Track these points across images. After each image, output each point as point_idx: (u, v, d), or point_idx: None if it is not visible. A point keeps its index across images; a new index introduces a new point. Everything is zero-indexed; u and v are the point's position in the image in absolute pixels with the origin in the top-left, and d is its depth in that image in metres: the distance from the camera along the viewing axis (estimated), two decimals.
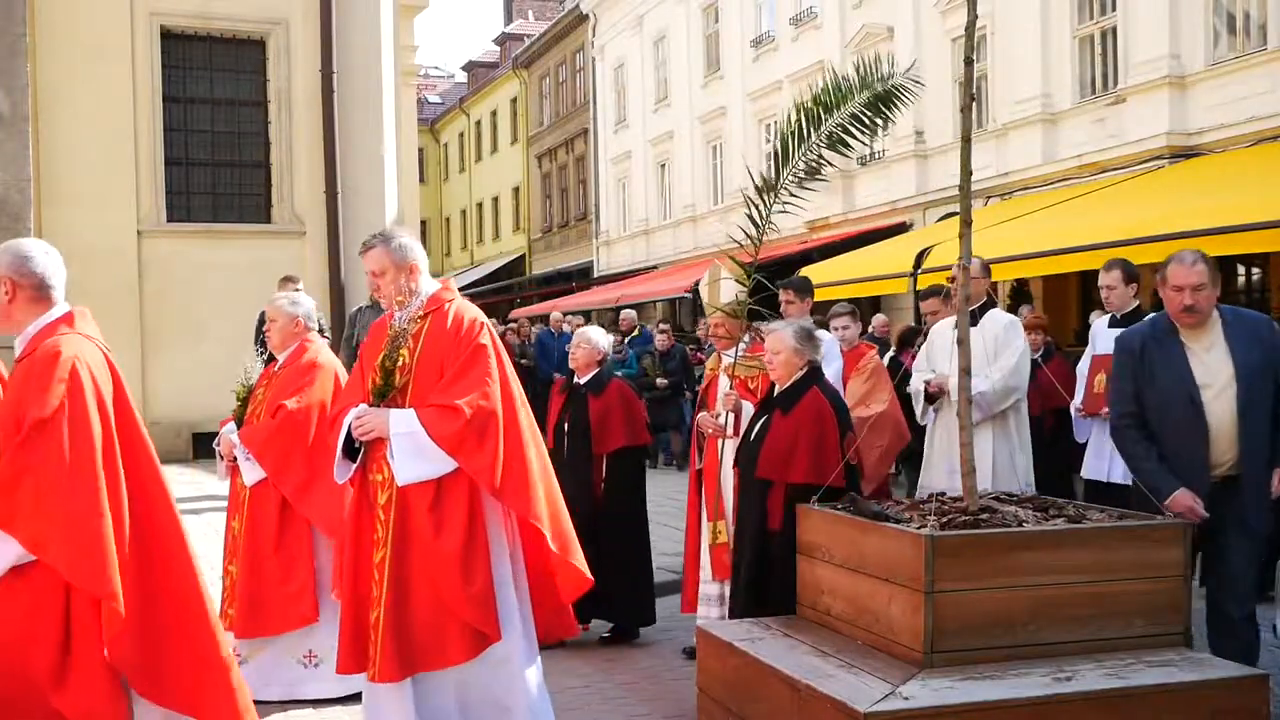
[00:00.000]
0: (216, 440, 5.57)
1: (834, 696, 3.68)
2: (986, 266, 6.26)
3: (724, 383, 5.66)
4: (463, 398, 3.97)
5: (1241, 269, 15.33)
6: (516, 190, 40.97)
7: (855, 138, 5.26)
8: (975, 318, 5.76)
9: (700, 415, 5.72)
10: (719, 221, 26.69)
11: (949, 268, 4.82)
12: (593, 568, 5.64)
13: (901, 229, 19.37)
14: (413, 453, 3.96)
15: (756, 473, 4.92)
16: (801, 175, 5.33)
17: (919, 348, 6.72)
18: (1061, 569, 3.94)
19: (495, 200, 43.10)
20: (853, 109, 5.16)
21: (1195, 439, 4.38)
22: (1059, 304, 16.49)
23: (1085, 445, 6.79)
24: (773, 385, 5.21)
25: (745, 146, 25.77)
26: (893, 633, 3.94)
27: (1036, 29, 16.83)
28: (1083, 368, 6.96)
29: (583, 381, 6.44)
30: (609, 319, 23.93)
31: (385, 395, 4.06)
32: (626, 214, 32.47)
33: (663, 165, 30.22)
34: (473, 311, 4.20)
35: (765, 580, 4.91)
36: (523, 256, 39.93)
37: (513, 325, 21.08)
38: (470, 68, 49.18)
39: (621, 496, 6.32)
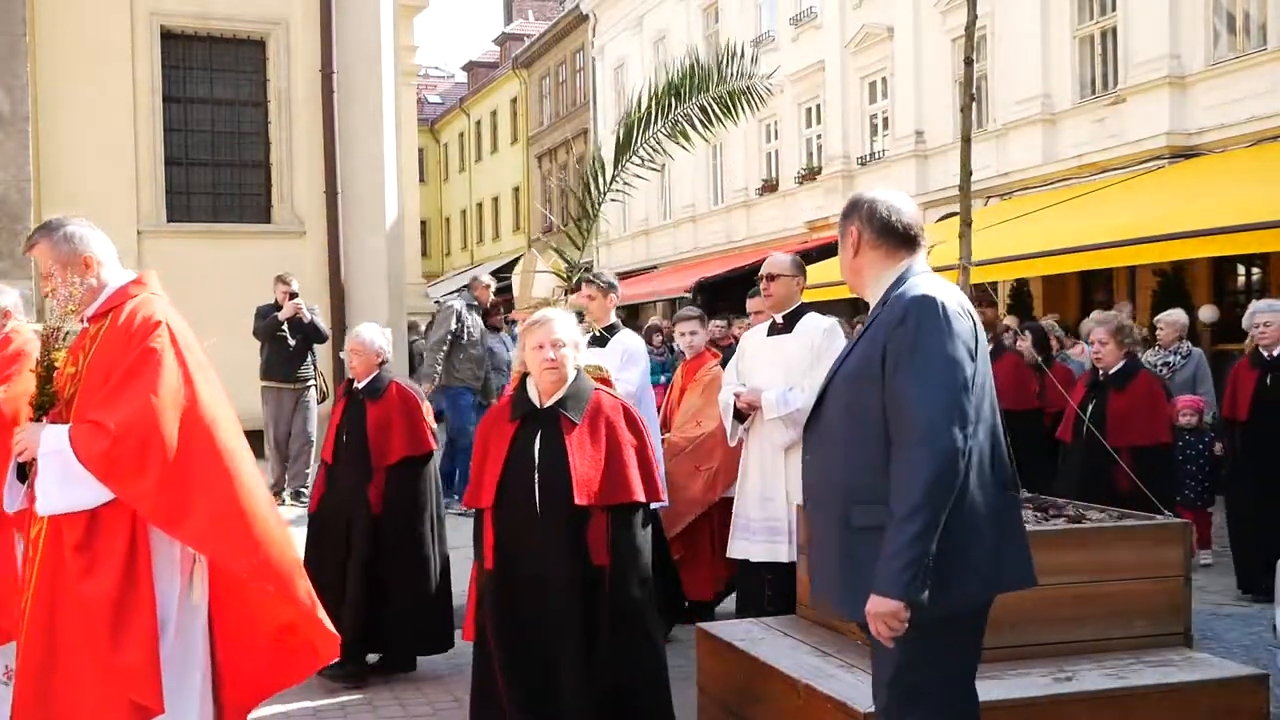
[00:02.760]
0: None
1: (834, 696, 3.68)
2: (799, 264, 5.47)
3: None
4: (115, 413, 3.29)
5: (1241, 269, 15.33)
6: (516, 190, 40.96)
7: (696, 131, 4.99)
8: (790, 323, 5.33)
9: None
10: (720, 221, 26.72)
11: (950, 267, 4.59)
12: (369, 593, 5.40)
13: None
14: (60, 476, 3.30)
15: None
16: (640, 161, 5.06)
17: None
18: (1061, 569, 3.94)
19: (495, 200, 43.09)
20: (702, 101, 4.90)
21: None
22: (1059, 304, 16.50)
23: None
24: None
25: (745, 146, 25.77)
26: None
27: (1036, 29, 16.83)
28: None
29: (360, 386, 5.70)
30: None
31: (44, 408, 3.47)
32: (626, 214, 32.46)
33: (663, 165, 30.16)
34: (152, 309, 3.51)
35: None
36: (522, 257, 39.89)
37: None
38: (470, 68, 49.18)
39: (401, 513, 5.55)
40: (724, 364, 6.29)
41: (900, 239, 2.97)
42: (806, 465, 3.07)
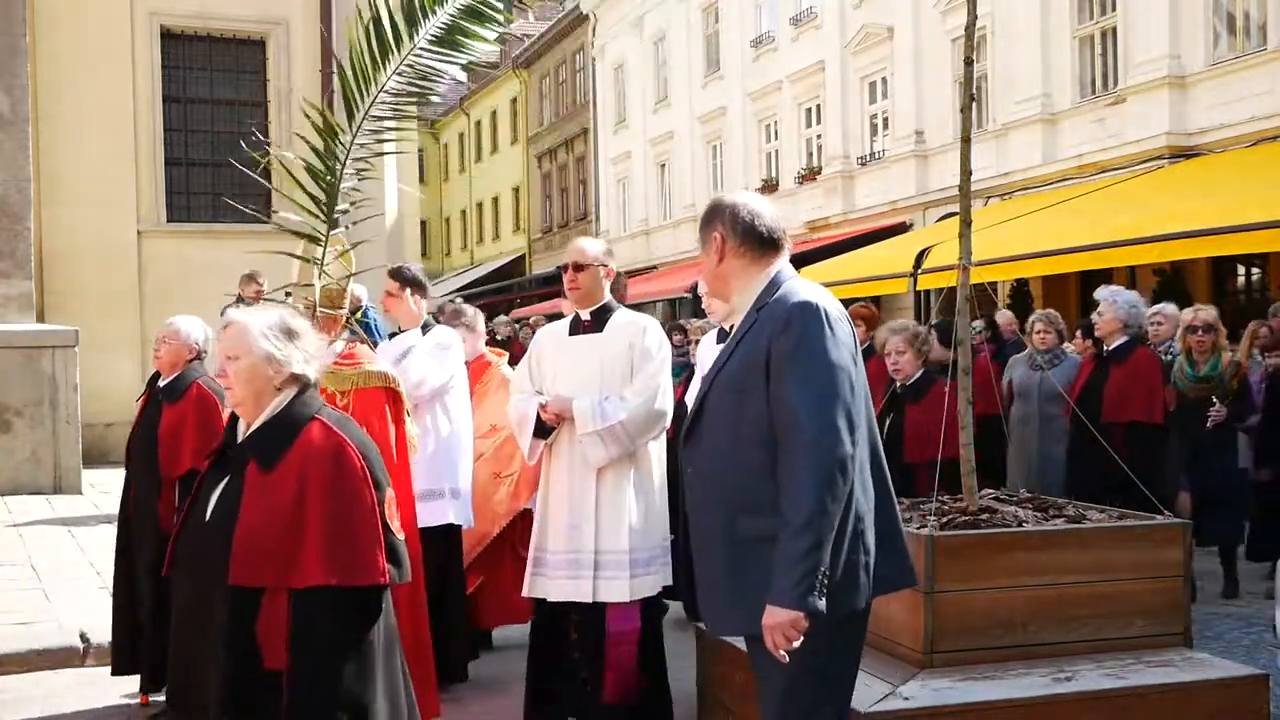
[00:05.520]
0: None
1: None
2: (609, 251, 4.69)
3: None
4: None
5: (1241, 269, 15.33)
6: (516, 190, 40.97)
7: (446, 62, 4.18)
8: (599, 321, 4.51)
9: None
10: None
11: (950, 267, 4.48)
12: (149, 622, 4.72)
13: (901, 229, 19.37)
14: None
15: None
16: (382, 119, 4.19)
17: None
18: (1061, 569, 3.94)
19: (495, 200, 43.11)
20: (437, 26, 4.10)
21: None
22: (1059, 304, 16.47)
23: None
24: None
25: (745, 146, 25.78)
26: (892, 633, 3.94)
27: (1036, 29, 16.83)
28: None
29: (161, 385, 5.11)
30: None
31: None
32: (626, 214, 32.47)
33: (663, 165, 30.21)
34: None
35: None
36: (522, 256, 39.91)
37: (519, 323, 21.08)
38: (470, 68, 49.13)
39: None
40: None
41: (765, 243, 2.92)
42: (689, 478, 2.96)
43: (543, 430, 4.46)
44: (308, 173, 4.22)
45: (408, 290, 5.34)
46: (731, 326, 4.30)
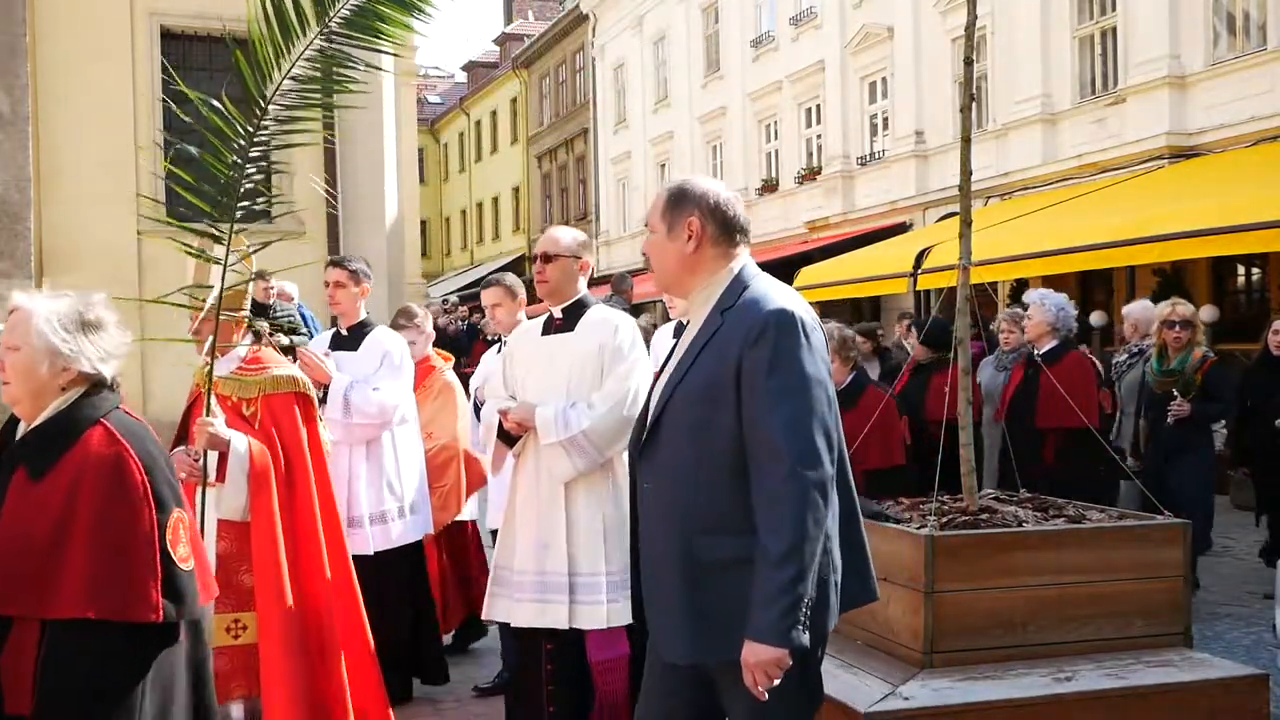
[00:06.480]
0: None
1: (834, 696, 3.67)
2: (584, 243, 4.26)
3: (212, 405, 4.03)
4: None
5: (1241, 269, 15.33)
6: (516, 190, 40.98)
7: (363, 49, 3.71)
8: (571, 319, 4.12)
9: (177, 453, 3.92)
10: None
11: (950, 267, 4.42)
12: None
13: (901, 229, 19.37)
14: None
15: None
16: (288, 110, 3.83)
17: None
18: (1061, 569, 3.94)
19: (495, 200, 43.12)
20: (349, 7, 3.65)
21: None
22: None
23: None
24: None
25: (745, 146, 25.78)
26: (893, 633, 3.94)
27: (1036, 29, 16.83)
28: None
29: None
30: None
31: None
32: (626, 214, 32.47)
33: (663, 165, 30.21)
34: None
35: None
36: (523, 256, 39.92)
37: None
38: (470, 68, 49.19)
39: None
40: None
41: (737, 234, 2.75)
42: (644, 495, 2.74)
43: (508, 438, 4.08)
44: (210, 167, 3.87)
45: (352, 281, 5.12)
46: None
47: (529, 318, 4.66)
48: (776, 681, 2.49)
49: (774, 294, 2.67)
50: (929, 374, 7.31)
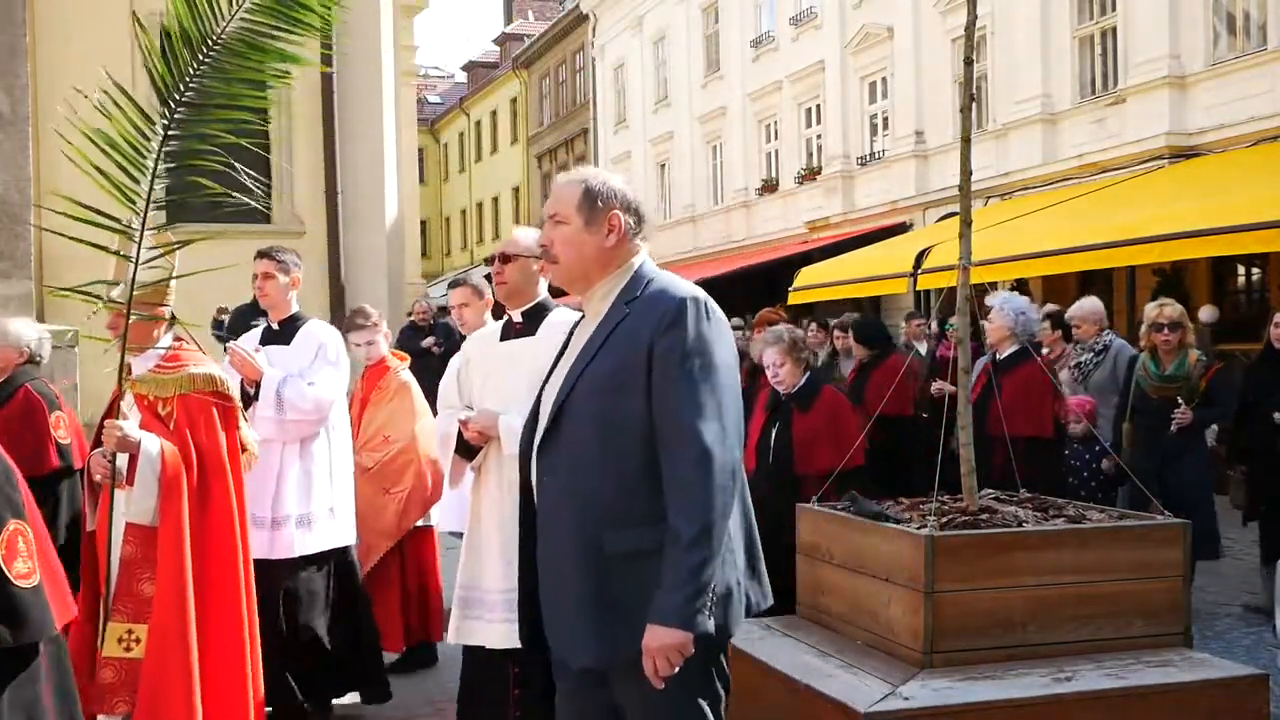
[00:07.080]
0: None
1: (834, 696, 3.68)
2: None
3: (127, 404, 3.91)
4: None
5: (1241, 269, 15.33)
6: (516, 190, 41.00)
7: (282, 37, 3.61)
8: (532, 323, 3.93)
9: (93, 455, 3.81)
10: (719, 222, 26.72)
11: (950, 267, 4.42)
12: None
13: (901, 229, 19.37)
14: None
15: None
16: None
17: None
18: (1061, 569, 3.93)
19: (495, 200, 43.13)
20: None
21: None
22: (1059, 304, 16.47)
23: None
24: None
25: (745, 146, 25.78)
26: (893, 633, 3.94)
27: (1036, 29, 16.83)
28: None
29: None
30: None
31: None
32: None
33: (663, 165, 30.21)
34: None
35: None
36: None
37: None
38: (470, 68, 49.21)
39: None
40: None
41: (643, 229, 2.77)
42: (542, 487, 2.66)
43: (467, 450, 3.83)
44: (115, 160, 3.75)
45: (281, 272, 4.88)
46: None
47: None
48: (676, 669, 2.44)
49: (680, 284, 2.68)
50: (869, 372, 7.74)
